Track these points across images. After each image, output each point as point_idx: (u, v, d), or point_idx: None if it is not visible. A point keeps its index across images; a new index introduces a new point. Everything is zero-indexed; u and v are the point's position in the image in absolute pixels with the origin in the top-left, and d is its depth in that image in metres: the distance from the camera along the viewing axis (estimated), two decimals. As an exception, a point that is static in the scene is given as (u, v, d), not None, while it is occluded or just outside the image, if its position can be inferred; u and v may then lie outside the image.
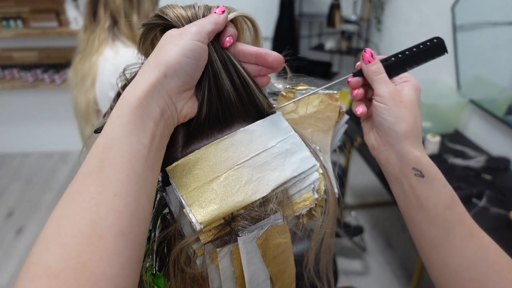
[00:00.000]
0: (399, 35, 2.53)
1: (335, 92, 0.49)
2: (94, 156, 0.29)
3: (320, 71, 2.94)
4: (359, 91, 0.49)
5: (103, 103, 1.20)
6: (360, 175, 2.72)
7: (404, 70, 0.49)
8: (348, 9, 2.77)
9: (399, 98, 0.46)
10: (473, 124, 1.90)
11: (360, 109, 0.49)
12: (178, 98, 0.34)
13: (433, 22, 2.14)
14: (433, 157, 1.74)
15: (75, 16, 2.57)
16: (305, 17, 2.90)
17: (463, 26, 1.88)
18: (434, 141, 1.74)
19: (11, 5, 2.62)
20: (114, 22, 1.20)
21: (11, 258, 2.20)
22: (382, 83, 0.46)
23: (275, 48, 2.91)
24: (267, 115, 0.40)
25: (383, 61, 0.48)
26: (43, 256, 0.27)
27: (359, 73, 0.49)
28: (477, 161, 1.68)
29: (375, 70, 0.47)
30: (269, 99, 0.43)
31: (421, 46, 0.50)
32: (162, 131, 0.32)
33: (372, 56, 0.47)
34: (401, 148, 0.45)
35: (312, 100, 0.48)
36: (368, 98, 0.51)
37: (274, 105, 0.45)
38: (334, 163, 0.48)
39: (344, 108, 0.50)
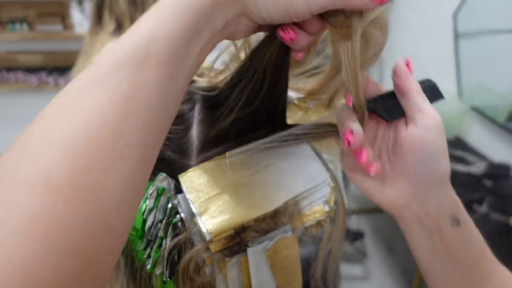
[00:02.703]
0: (401, 42, 2.55)
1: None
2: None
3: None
4: (370, 153, 0.33)
5: None
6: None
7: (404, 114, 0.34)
8: (350, 15, 2.78)
9: (443, 127, 0.33)
10: (474, 130, 1.91)
11: (373, 168, 0.34)
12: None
13: (435, 29, 2.15)
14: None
15: (80, 20, 2.59)
16: (307, 23, 2.91)
17: (465, 33, 1.89)
18: (435, 147, 1.74)
19: (18, 8, 2.64)
20: (119, 26, 1.20)
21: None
22: (428, 104, 0.32)
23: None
24: (281, 124, 0.41)
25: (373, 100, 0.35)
26: (41, 161, 0.19)
27: (377, 105, 0.34)
28: (478, 167, 1.68)
29: (417, 86, 0.33)
30: None
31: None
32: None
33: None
34: (443, 195, 0.34)
35: (324, 110, 0.48)
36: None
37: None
38: (343, 172, 0.48)
39: None
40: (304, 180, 0.37)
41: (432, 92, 0.36)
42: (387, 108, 0.34)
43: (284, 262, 0.37)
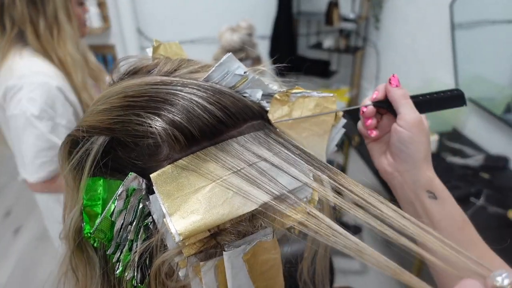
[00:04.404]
0: (398, 33, 2.52)
1: (332, 95, 0.47)
2: None
3: (318, 70, 2.93)
4: (373, 121, 0.50)
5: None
6: (358, 174, 2.71)
7: (422, 112, 0.49)
8: (346, 7, 2.76)
9: (423, 126, 0.46)
10: (471, 122, 1.89)
11: (374, 132, 0.50)
12: None
13: (431, 20, 2.12)
14: (431, 156, 1.74)
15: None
16: (303, 16, 2.88)
17: (461, 24, 1.87)
18: (432, 140, 1.73)
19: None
20: (21, 33, 1.06)
21: (9, 257, 2.20)
22: (409, 108, 0.46)
23: (273, 47, 2.90)
24: (261, 118, 0.39)
25: None
26: None
27: (379, 103, 0.50)
28: (475, 160, 1.67)
29: (404, 94, 0.47)
30: (262, 101, 0.41)
31: (441, 94, 0.51)
32: None
33: (398, 81, 0.48)
34: (417, 172, 0.46)
35: (307, 104, 0.46)
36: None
37: (267, 108, 0.43)
38: (331, 162, 0.46)
39: (341, 112, 0.49)
40: (283, 182, 0.35)
41: (453, 100, 0.51)
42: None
43: (264, 266, 0.35)
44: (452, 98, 0.52)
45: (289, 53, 2.86)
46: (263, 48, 2.83)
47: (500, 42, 1.70)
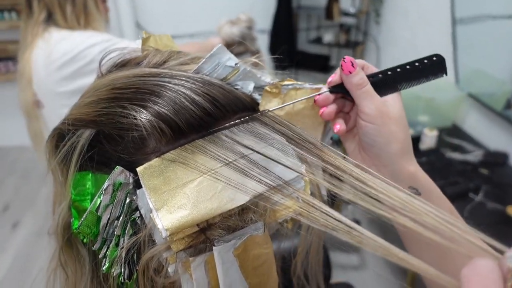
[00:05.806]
0: (398, 28, 2.50)
1: (323, 86, 0.46)
2: None
3: (318, 64, 2.92)
4: (328, 110, 0.42)
5: (41, 93, 1.17)
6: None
7: (395, 90, 0.42)
8: (346, 2, 2.73)
9: (388, 114, 0.40)
10: (471, 118, 1.88)
11: (337, 126, 0.43)
12: None
13: (432, 15, 2.11)
14: (430, 152, 1.73)
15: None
16: (303, 10, 2.86)
17: (462, 19, 1.85)
18: (431, 135, 1.72)
19: (5, -4, 2.59)
20: (50, 15, 1.13)
21: (7, 252, 2.20)
22: (366, 98, 0.40)
23: (273, 41, 2.88)
24: (253, 110, 0.38)
25: (368, 77, 0.42)
26: None
27: (337, 88, 0.42)
28: (474, 156, 1.66)
29: (358, 83, 0.40)
30: (254, 94, 0.40)
31: (416, 64, 0.43)
32: None
33: (352, 65, 0.40)
34: (396, 168, 0.41)
35: (299, 96, 0.45)
36: (345, 111, 0.45)
37: (260, 101, 0.42)
38: None
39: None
40: (278, 171, 0.34)
41: (431, 68, 0.44)
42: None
43: (256, 261, 0.34)
44: (430, 67, 0.43)
45: (289, 48, 2.84)
46: (262, 42, 2.81)
47: (501, 37, 1.69)
